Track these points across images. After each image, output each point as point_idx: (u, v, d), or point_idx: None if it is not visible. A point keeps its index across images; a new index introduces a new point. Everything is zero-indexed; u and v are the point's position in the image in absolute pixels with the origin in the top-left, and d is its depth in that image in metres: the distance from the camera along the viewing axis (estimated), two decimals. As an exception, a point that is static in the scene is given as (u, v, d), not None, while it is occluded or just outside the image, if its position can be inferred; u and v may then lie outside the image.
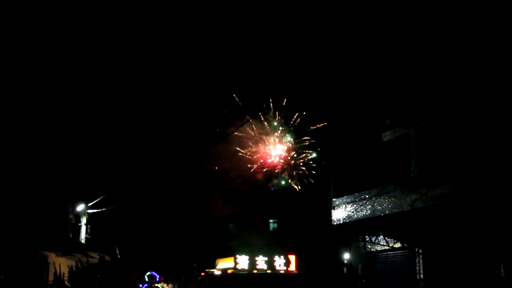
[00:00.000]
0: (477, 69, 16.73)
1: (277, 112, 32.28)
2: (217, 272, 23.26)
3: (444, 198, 16.69)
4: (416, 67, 18.96)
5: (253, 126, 33.44)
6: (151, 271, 32.07)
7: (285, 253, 22.76)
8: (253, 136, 32.90)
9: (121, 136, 31.80)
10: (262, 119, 32.31)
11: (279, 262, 22.43)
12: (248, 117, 29.57)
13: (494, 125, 16.22)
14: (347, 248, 30.96)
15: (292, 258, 22.56)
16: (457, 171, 16.78)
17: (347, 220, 21.68)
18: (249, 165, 33.24)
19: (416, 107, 19.09)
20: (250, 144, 33.23)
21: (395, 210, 18.92)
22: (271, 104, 32.20)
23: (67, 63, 25.80)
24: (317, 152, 31.82)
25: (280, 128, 32.57)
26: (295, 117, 32.99)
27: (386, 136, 20.93)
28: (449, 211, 16.81)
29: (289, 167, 33.07)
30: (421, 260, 19.62)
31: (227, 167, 35.37)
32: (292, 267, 22.29)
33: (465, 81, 17.06)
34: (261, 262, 22.48)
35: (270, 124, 32.52)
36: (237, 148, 32.61)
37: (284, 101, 32.61)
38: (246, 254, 22.76)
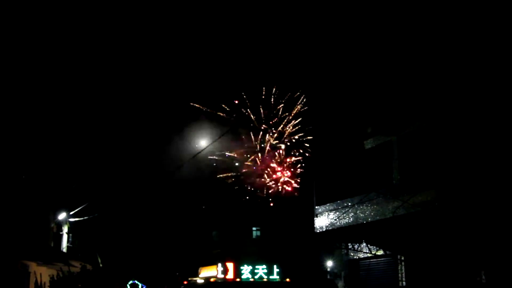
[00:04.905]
0: (458, 77, 16.92)
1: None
2: (200, 281, 23.22)
3: (426, 205, 16.82)
4: (397, 76, 19.14)
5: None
6: (133, 279, 31.80)
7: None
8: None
9: (103, 145, 31.59)
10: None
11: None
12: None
13: (474, 133, 16.40)
14: (330, 255, 30.96)
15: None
16: (438, 178, 16.93)
17: (330, 228, 21.74)
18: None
19: (398, 115, 19.25)
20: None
21: (378, 218, 19.02)
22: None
23: (51, 73, 25.62)
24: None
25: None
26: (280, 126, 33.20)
27: (368, 143, 21.07)
28: (430, 218, 16.94)
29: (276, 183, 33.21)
30: (403, 267, 19.72)
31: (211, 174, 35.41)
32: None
33: (446, 89, 17.25)
34: (245, 270, 22.47)
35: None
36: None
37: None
38: (229, 262, 22.74)
